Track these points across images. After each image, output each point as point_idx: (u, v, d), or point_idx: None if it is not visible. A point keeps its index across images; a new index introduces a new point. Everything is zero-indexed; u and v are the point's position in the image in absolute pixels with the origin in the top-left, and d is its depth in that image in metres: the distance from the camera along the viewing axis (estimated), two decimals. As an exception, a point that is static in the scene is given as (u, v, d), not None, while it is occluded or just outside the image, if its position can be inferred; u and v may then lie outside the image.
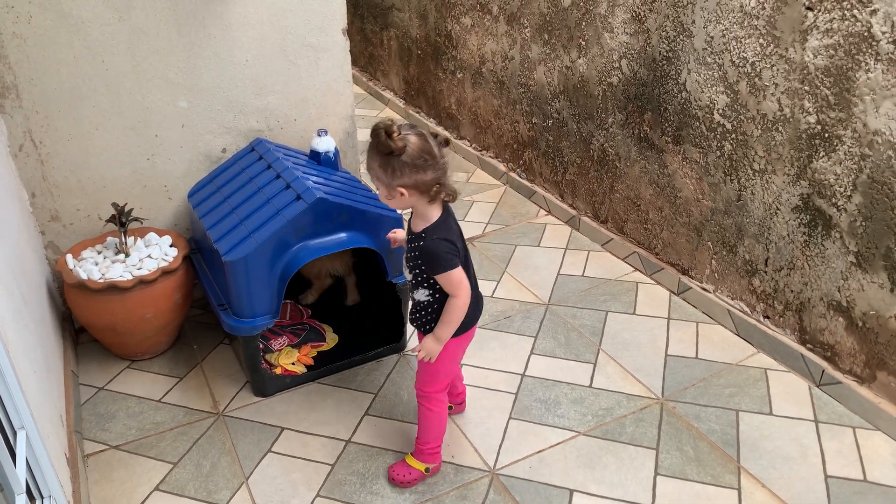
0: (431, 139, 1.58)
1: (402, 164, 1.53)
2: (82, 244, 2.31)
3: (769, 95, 2.10)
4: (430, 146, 1.56)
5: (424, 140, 1.56)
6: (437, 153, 1.57)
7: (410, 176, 1.55)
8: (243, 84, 2.41)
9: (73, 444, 1.91)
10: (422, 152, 1.54)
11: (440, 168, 1.58)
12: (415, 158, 1.53)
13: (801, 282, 2.17)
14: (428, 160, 1.55)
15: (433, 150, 1.56)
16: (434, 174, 1.57)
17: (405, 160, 1.53)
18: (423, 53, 4.08)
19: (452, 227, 1.67)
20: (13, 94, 2.12)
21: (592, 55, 2.76)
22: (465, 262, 1.71)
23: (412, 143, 1.53)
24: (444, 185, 1.61)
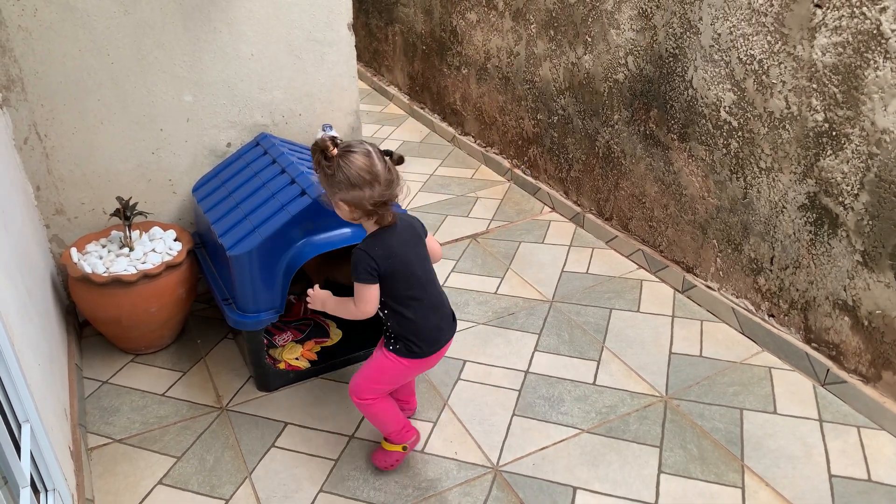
0: (377, 157, 1.63)
1: (338, 181, 1.62)
2: (87, 238, 2.31)
3: (776, 93, 2.09)
4: (370, 165, 1.61)
5: (367, 158, 1.62)
6: (381, 172, 1.62)
7: (347, 192, 1.63)
8: (248, 78, 2.40)
9: (76, 437, 1.91)
10: (360, 171, 1.61)
11: (381, 187, 1.63)
12: (352, 176, 1.61)
13: (806, 280, 2.16)
14: (366, 179, 1.61)
15: (374, 170, 1.61)
16: (371, 192, 1.62)
17: (340, 178, 1.62)
18: (428, 49, 4.07)
19: (387, 244, 1.70)
20: (18, 87, 2.12)
21: (598, 51, 2.75)
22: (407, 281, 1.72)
23: (352, 161, 1.61)
24: (381, 205, 1.65)
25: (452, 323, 1.84)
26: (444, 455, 1.96)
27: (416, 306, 1.74)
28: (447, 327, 1.82)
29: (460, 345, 2.38)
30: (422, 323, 1.75)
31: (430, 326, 1.77)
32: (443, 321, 1.81)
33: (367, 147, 1.64)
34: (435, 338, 1.79)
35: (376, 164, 1.62)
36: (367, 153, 1.63)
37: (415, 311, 1.74)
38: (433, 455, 1.96)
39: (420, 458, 1.95)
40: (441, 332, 1.80)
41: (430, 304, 1.77)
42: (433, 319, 1.78)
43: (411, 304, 1.73)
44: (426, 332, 1.76)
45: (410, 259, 1.73)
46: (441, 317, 1.80)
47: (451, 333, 1.83)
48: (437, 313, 1.79)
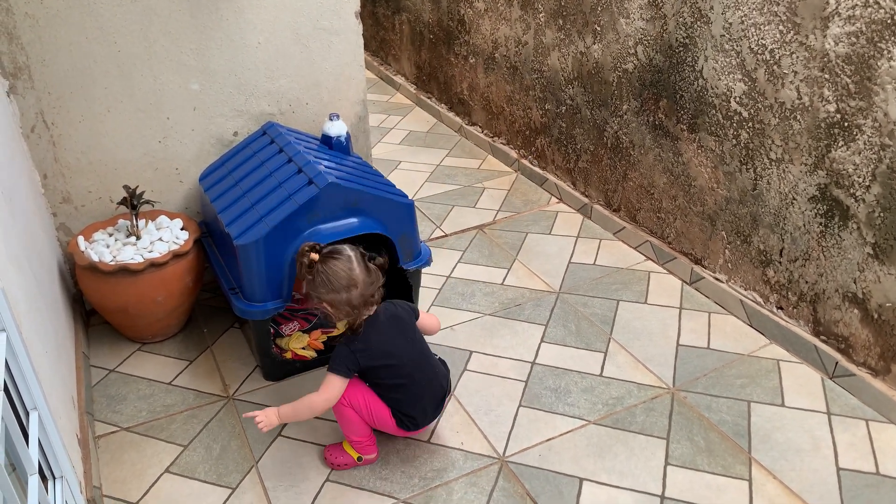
0: (357, 262, 1.73)
1: (319, 283, 1.72)
2: (93, 226, 2.31)
3: (788, 83, 2.07)
4: (349, 270, 1.71)
5: (347, 264, 1.71)
6: (358, 277, 1.71)
7: (326, 295, 1.72)
8: (255, 67, 2.39)
9: (84, 425, 1.91)
10: (339, 277, 1.70)
11: (359, 290, 1.72)
12: (331, 282, 1.71)
13: (816, 273, 2.15)
14: (343, 284, 1.71)
15: (352, 275, 1.71)
16: (348, 295, 1.71)
17: (321, 281, 1.71)
18: (436, 38, 4.04)
19: (368, 339, 1.77)
20: (25, 75, 2.11)
21: (608, 41, 2.73)
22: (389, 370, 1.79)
23: (331, 267, 1.71)
24: (360, 306, 1.73)
25: (438, 406, 1.90)
26: (451, 445, 1.96)
27: (403, 391, 1.82)
28: (431, 411, 1.88)
29: (467, 335, 2.38)
30: (409, 402, 1.83)
31: (417, 408, 1.84)
32: (428, 405, 1.87)
33: (348, 252, 1.74)
34: (419, 419, 1.86)
35: (355, 269, 1.72)
36: (347, 259, 1.72)
37: (402, 394, 1.82)
38: (439, 445, 1.96)
39: (426, 447, 1.96)
40: (425, 415, 1.87)
41: (417, 389, 1.83)
42: (419, 404, 1.84)
43: (398, 388, 1.81)
44: (413, 411, 1.84)
45: (393, 351, 1.80)
46: (429, 398, 1.86)
47: (433, 417, 1.90)
48: (424, 397, 1.85)
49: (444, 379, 1.91)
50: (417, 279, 2.29)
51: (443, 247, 2.89)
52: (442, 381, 1.90)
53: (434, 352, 1.95)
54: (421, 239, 2.29)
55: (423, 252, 2.25)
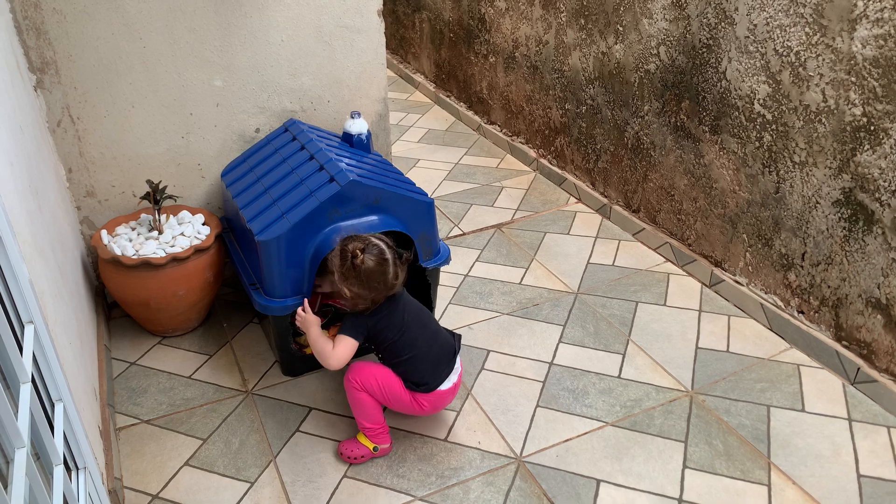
0: (390, 266, 1.78)
1: (352, 278, 1.77)
2: (116, 220, 2.33)
3: (813, 86, 2.05)
4: (382, 271, 1.77)
5: (380, 265, 1.77)
6: (389, 278, 1.78)
7: (356, 288, 1.77)
8: (278, 64, 2.41)
9: (105, 417, 1.94)
10: (370, 276, 1.76)
11: (386, 289, 1.79)
12: (364, 281, 1.76)
13: (838, 277, 2.13)
14: (374, 284, 1.76)
15: (386, 277, 1.77)
16: (374, 294, 1.78)
17: (354, 277, 1.76)
18: (456, 37, 4.04)
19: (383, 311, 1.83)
20: (52, 70, 2.14)
21: (630, 41, 2.72)
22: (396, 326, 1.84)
23: (370, 271, 1.76)
24: (378, 303, 1.80)
25: (449, 364, 1.90)
26: (468, 444, 1.96)
27: (409, 351, 1.85)
28: (442, 372, 1.88)
29: (484, 334, 2.38)
30: (417, 365, 1.85)
31: (427, 369, 1.86)
32: (438, 364, 1.88)
33: (388, 255, 1.79)
34: (430, 381, 1.87)
35: (390, 273, 1.78)
36: (386, 263, 1.78)
37: (409, 354, 1.85)
38: (456, 444, 1.97)
39: (443, 446, 1.96)
40: (435, 377, 1.87)
41: (423, 348, 1.86)
42: (428, 364, 1.86)
43: (405, 348, 1.84)
44: (423, 374, 1.86)
45: (395, 317, 1.84)
46: (437, 356, 1.88)
47: (444, 377, 1.89)
48: (431, 356, 1.87)
49: (447, 341, 1.93)
50: (436, 277, 2.29)
51: (461, 245, 2.90)
52: (447, 339, 1.93)
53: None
54: (440, 237, 2.29)
55: (443, 250, 2.25)
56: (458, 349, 1.94)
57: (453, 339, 1.96)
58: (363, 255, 1.77)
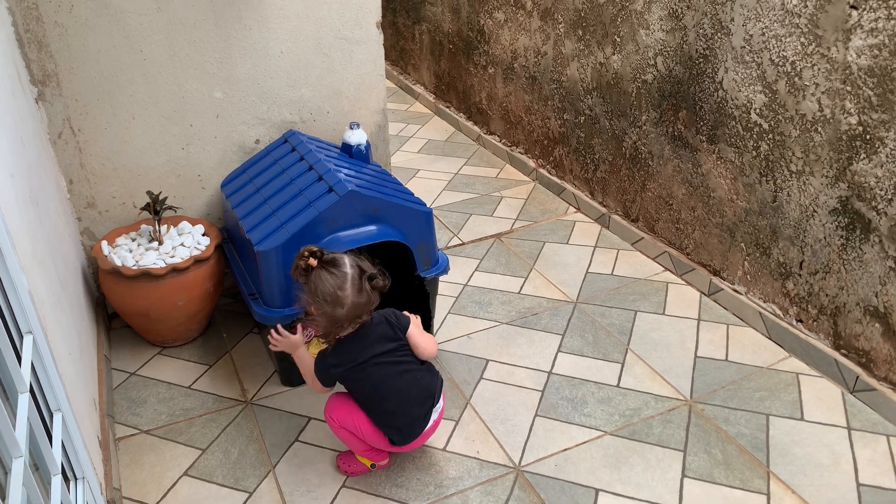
0: (351, 283, 1.67)
1: (307, 291, 1.69)
2: (117, 231, 2.34)
3: (809, 95, 2.06)
4: (337, 291, 1.66)
5: (338, 283, 1.66)
6: (347, 298, 1.67)
7: (313, 302, 1.69)
8: (277, 76, 2.42)
9: (105, 427, 1.94)
10: (327, 293, 1.66)
11: (345, 311, 1.68)
12: (320, 293, 1.67)
13: (836, 286, 2.13)
14: (329, 301, 1.67)
15: (341, 294, 1.66)
16: (332, 312, 1.68)
17: (311, 289, 1.68)
18: (455, 48, 4.07)
19: (345, 355, 1.76)
20: (54, 83, 2.16)
21: (627, 52, 2.73)
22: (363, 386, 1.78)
23: (321, 282, 1.66)
24: (341, 325, 1.71)
25: (426, 416, 1.82)
26: (466, 454, 1.96)
27: (382, 403, 1.78)
28: (417, 422, 1.81)
29: (483, 344, 2.38)
30: (391, 415, 1.79)
31: (400, 419, 1.80)
32: (412, 415, 1.80)
33: (346, 270, 1.68)
34: (405, 431, 1.80)
35: (346, 290, 1.67)
36: (342, 276, 1.67)
37: (382, 406, 1.78)
38: (455, 454, 1.97)
39: (442, 456, 1.96)
40: (410, 427, 1.80)
41: (396, 400, 1.77)
42: (402, 415, 1.79)
43: (377, 401, 1.78)
44: (398, 422, 1.79)
45: (365, 367, 1.75)
46: (412, 407, 1.79)
47: (422, 427, 1.82)
48: (407, 406, 1.79)
49: (429, 385, 1.83)
50: (435, 287, 2.30)
51: (460, 255, 2.90)
52: (426, 388, 1.82)
53: (446, 355, 1.94)
54: (438, 247, 2.30)
55: (441, 260, 2.26)
56: (438, 395, 1.85)
57: (436, 379, 1.86)
58: (313, 260, 1.67)
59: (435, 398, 1.84)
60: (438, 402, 1.86)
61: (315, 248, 1.70)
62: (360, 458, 1.89)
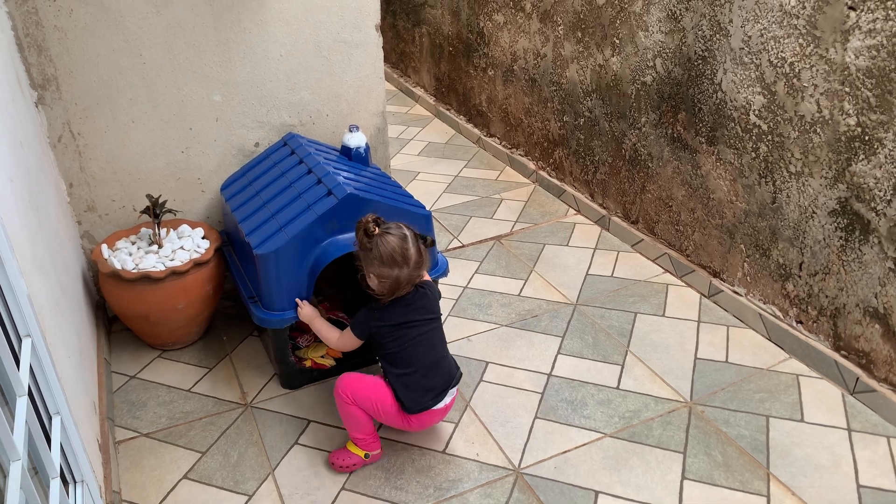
0: (412, 241, 1.78)
1: (374, 257, 1.77)
2: (117, 234, 2.35)
3: (808, 97, 2.06)
4: (404, 248, 1.77)
5: (402, 242, 1.77)
6: (412, 256, 1.78)
7: (378, 268, 1.78)
8: (277, 79, 2.43)
9: (105, 430, 1.94)
10: (394, 252, 1.76)
11: (410, 269, 1.78)
12: (385, 255, 1.76)
13: (836, 287, 2.13)
14: (397, 260, 1.76)
15: (406, 253, 1.77)
16: (399, 272, 1.77)
17: (376, 255, 1.77)
18: (455, 50, 4.07)
19: (391, 315, 1.84)
20: (53, 87, 2.16)
21: (626, 53, 2.74)
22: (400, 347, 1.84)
23: (388, 243, 1.76)
24: (406, 283, 1.80)
25: (442, 391, 1.87)
26: (466, 456, 1.96)
27: (406, 365, 1.84)
28: (433, 395, 1.86)
29: (483, 346, 2.38)
30: (411, 380, 1.84)
31: (419, 387, 1.84)
32: (432, 386, 1.85)
33: (404, 231, 1.80)
34: (420, 399, 1.85)
35: (409, 248, 1.78)
36: (403, 237, 1.78)
37: (405, 368, 1.84)
38: (454, 456, 1.97)
39: (441, 458, 1.96)
40: (424, 397, 1.85)
41: (421, 367, 1.85)
42: (422, 382, 1.85)
43: (402, 362, 1.85)
44: (415, 390, 1.84)
45: (405, 328, 1.84)
46: (433, 379, 1.86)
47: (435, 401, 1.86)
48: (428, 377, 1.85)
49: (452, 368, 1.92)
50: (434, 290, 2.30)
51: (460, 257, 2.90)
52: (450, 368, 1.91)
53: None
54: (438, 249, 2.30)
55: (441, 262, 2.26)
56: (456, 382, 1.91)
57: (457, 370, 1.94)
58: (379, 229, 1.78)
59: (453, 382, 1.91)
60: (454, 388, 1.92)
61: (376, 216, 1.81)
62: (354, 449, 1.91)
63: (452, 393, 1.91)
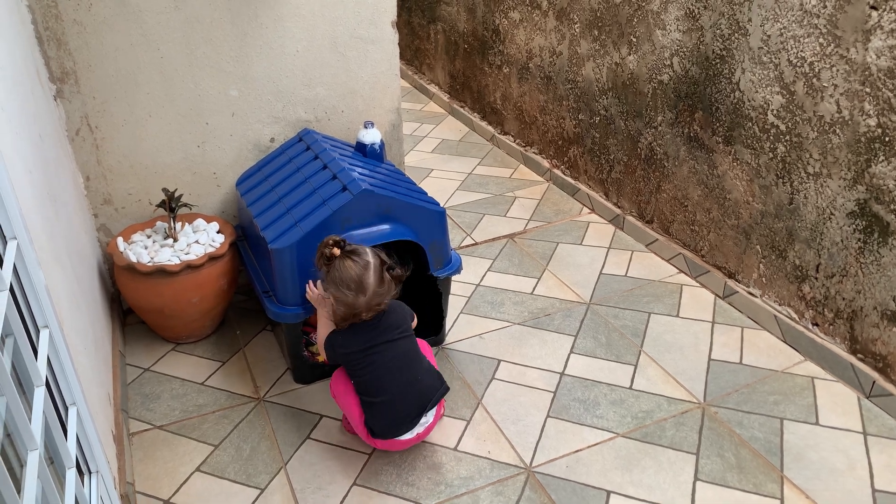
0: (373, 271, 1.74)
1: (329, 279, 1.76)
2: (132, 228, 2.36)
3: (827, 97, 2.04)
4: (361, 277, 1.73)
5: (363, 270, 1.73)
6: (370, 285, 1.74)
7: (335, 290, 1.76)
8: (293, 74, 2.43)
9: (119, 422, 1.96)
10: (349, 280, 1.73)
11: (366, 298, 1.75)
12: (343, 280, 1.73)
13: (853, 289, 2.11)
14: (352, 287, 1.73)
15: (364, 281, 1.73)
16: (354, 299, 1.74)
17: (334, 277, 1.74)
18: (470, 48, 4.07)
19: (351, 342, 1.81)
20: (72, 80, 2.18)
21: (643, 52, 2.72)
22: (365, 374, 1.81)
23: (346, 268, 1.73)
24: (359, 313, 1.77)
25: (414, 419, 1.84)
26: (477, 454, 1.96)
27: (373, 395, 1.82)
28: (401, 425, 1.83)
29: (496, 344, 2.38)
30: (377, 411, 1.82)
31: (385, 418, 1.82)
32: (399, 417, 1.82)
33: (367, 258, 1.76)
34: (385, 431, 1.83)
35: (369, 277, 1.74)
36: (365, 265, 1.74)
37: (373, 398, 1.82)
38: (466, 453, 1.96)
39: (453, 455, 1.96)
40: (391, 428, 1.83)
41: (387, 399, 1.81)
42: (388, 415, 1.82)
43: (370, 391, 1.82)
44: (380, 421, 1.83)
45: (369, 356, 1.80)
46: (401, 410, 1.82)
47: (405, 430, 1.84)
48: (395, 408, 1.82)
49: (427, 390, 1.85)
50: (447, 287, 2.30)
51: (473, 255, 2.90)
52: (424, 392, 1.84)
53: (457, 355, 1.96)
54: (451, 247, 2.30)
55: (454, 260, 2.26)
56: (437, 399, 1.87)
57: (440, 384, 1.88)
58: (336, 249, 1.75)
59: (429, 405, 1.85)
60: (432, 410, 1.87)
61: (338, 238, 1.78)
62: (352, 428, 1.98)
63: (428, 419, 1.87)
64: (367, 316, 1.79)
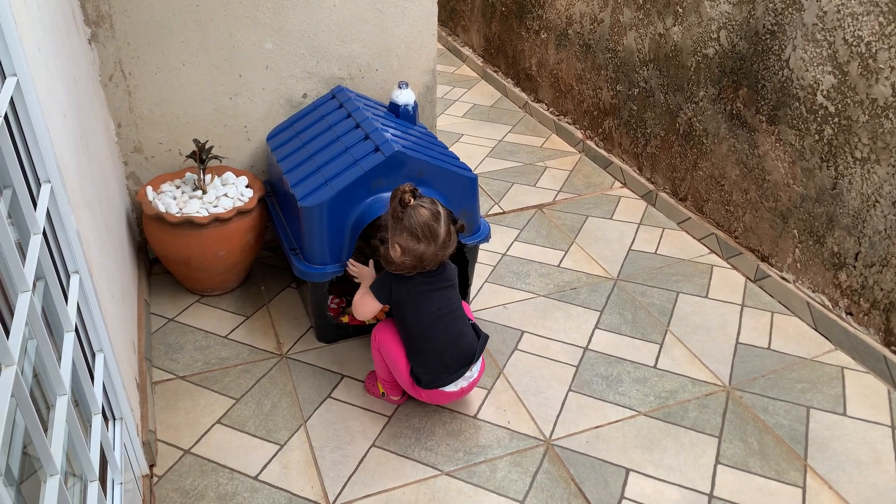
0: (444, 221, 1.76)
1: (402, 228, 1.74)
2: (162, 178, 2.35)
3: (882, 79, 1.96)
4: (433, 226, 1.74)
5: (434, 218, 1.75)
6: (440, 234, 1.75)
7: (405, 240, 1.75)
8: (329, 30, 2.38)
9: (143, 370, 1.97)
10: (422, 227, 1.73)
11: (436, 247, 1.75)
12: (414, 227, 1.73)
13: (893, 280, 2.05)
14: (425, 234, 1.73)
15: (435, 230, 1.74)
16: (425, 248, 1.74)
17: (405, 225, 1.74)
18: (508, 11, 3.97)
19: (414, 286, 1.81)
20: (107, 24, 2.15)
21: (689, 23, 2.63)
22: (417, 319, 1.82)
23: (420, 215, 1.73)
24: (429, 262, 1.77)
25: (459, 370, 1.85)
26: (497, 423, 1.95)
27: (422, 342, 1.83)
28: (448, 374, 1.84)
29: (519, 315, 2.36)
30: (426, 357, 1.83)
31: (432, 365, 1.83)
32: (446, 365, 1.83)
33: (438, 208, 1.77)
34: (432, 377, 1.84)
35: (440, 227, 1.75)
36: (436, 214, 1.75)
37: (421, 345, 1.83)
38: (485, 422, 1.96)
39: (472, 423, 1.95)
40: (439, 376, 1.84)
41: (436, 345, 1.83)
42: (436, 361, 1.83)
43: (418, 338, 1.83)
44: (428, 367, 1.83)
45: (423, 302, 1.81)
46: (448, 359, 1.83)
47: (450, 380, 1.84)
48: (443, 356, 1.83)
49: (470, 345, 1.87)
50: (475, 254, 2.27)
51: (500, 224, 2.87)
52: (467, 346, 1.86)
53: (481, 324, 1.95)
54: (481, 214, 2.26)
55: (483, 227, 2.23)
56: (480, 352, 1.88)
57: (478, 339, 1.90)
58: (415, 200, 1.75)
59: (473, 358, 1.87)
60: (476, 364, 1.89)
61: (413, 186, 1.78)
62: (378, 383, 1.99)
63: (473, 373, 1.88)
64: (431, 266, 1.80)
